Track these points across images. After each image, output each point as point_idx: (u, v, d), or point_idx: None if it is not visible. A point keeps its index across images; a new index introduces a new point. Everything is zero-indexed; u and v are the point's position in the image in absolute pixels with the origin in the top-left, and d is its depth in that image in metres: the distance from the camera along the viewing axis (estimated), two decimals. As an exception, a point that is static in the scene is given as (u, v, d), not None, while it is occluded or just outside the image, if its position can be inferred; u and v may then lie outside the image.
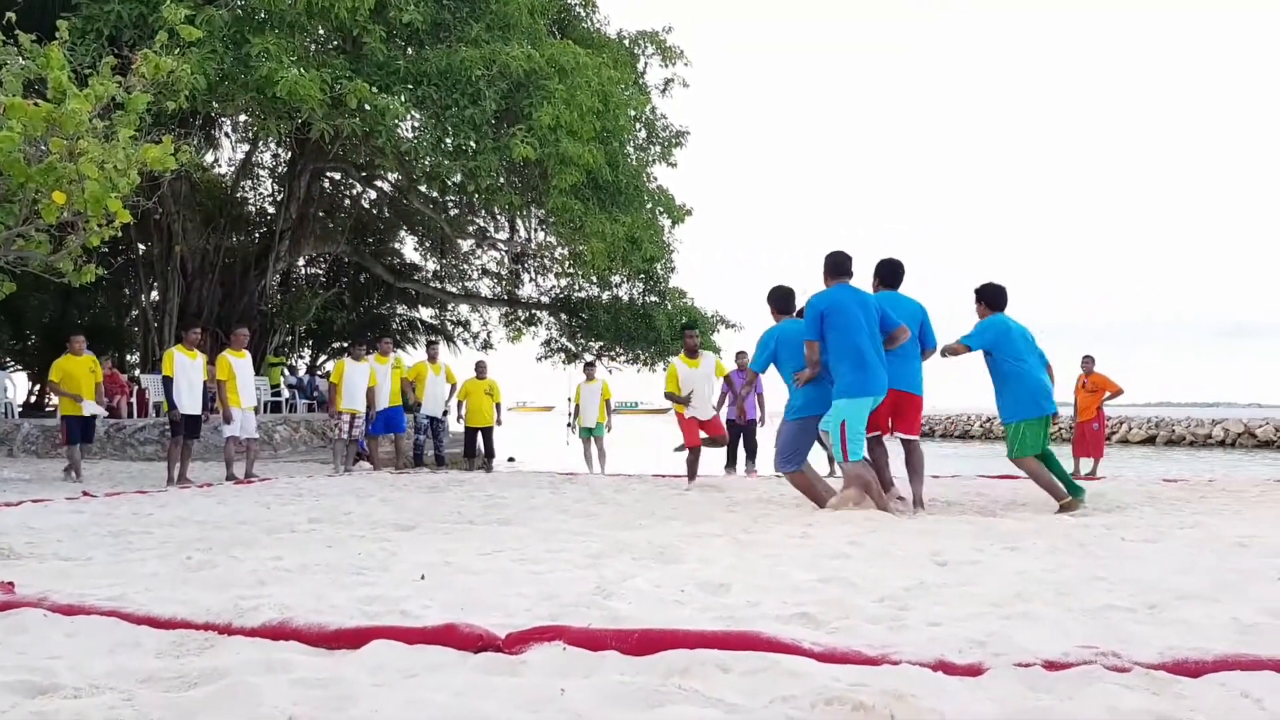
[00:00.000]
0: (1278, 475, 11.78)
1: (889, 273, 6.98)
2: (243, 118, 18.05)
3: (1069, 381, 12.39)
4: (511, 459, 18.22)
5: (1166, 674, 2.19)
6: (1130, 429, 38.26)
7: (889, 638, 2.61)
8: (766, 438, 9.79)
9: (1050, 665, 2.24)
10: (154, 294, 20.42)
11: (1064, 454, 8.84)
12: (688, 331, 10.46)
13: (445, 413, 13.40)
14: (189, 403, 10.13)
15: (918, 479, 6.58)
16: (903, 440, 6.74)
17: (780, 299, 7.17)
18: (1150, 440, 37.14)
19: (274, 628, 2.55)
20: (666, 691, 2.05)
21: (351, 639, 2.45)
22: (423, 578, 3.65)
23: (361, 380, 12.00)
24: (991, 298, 6.91)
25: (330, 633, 2.49)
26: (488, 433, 13.44)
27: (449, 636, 2.41)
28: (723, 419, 10.62)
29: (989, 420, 45.73)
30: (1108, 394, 12.03)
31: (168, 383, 10.02)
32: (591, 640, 2.36)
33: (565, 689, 2.05)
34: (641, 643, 2.33)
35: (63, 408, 10.95)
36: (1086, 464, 11.86)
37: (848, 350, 6.22)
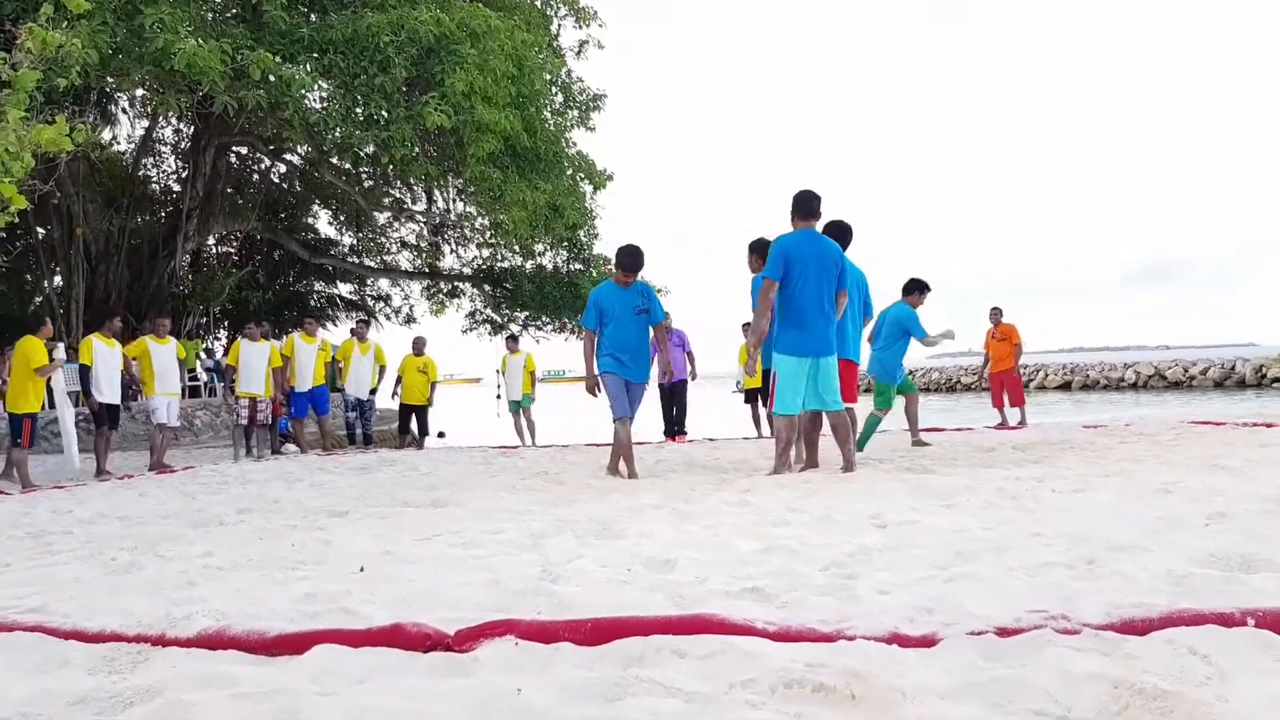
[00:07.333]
0: (1189, 416, 12.23)
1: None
2: (140, 92, 17.32)
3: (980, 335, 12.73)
4: (441, 434, 18.01)
5: (1115, 634, 2.22)
6: (1046, 375, 39.48)
7: (840, 609, 2.61)
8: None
9: (1002, 631, 2.25)
10: (57, 279, 19.61)
11: (983, 404, 9.11)
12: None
13: (373, 391, 13.14)
14: (108, 392, 9.80)
15: (844, 445, 6.58)
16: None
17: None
18: (1066, 386, 38.40)
19: (210, 636, 2.44)
20: (625, 683, 2.01)
21: (293, 644, 2.36)
22: (361, 569, 3.56)
23: (259, 362, 11.24)
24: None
25: (271, 639, 2.39)
26: (421, 411, 13.23)
27: (396, 637, 2.33)
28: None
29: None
30: (1017, 343, 12.38)
31: (85, 371, 9.66)
32: (544, 633, 2.31)
33: (521, 688, 2.00)
34: (595, 632, 2.29)
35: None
36: (1013, 413, 12.15)
37: (794, 305, 6.23)
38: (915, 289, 8.98)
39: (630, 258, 6.95)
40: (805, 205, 6.38)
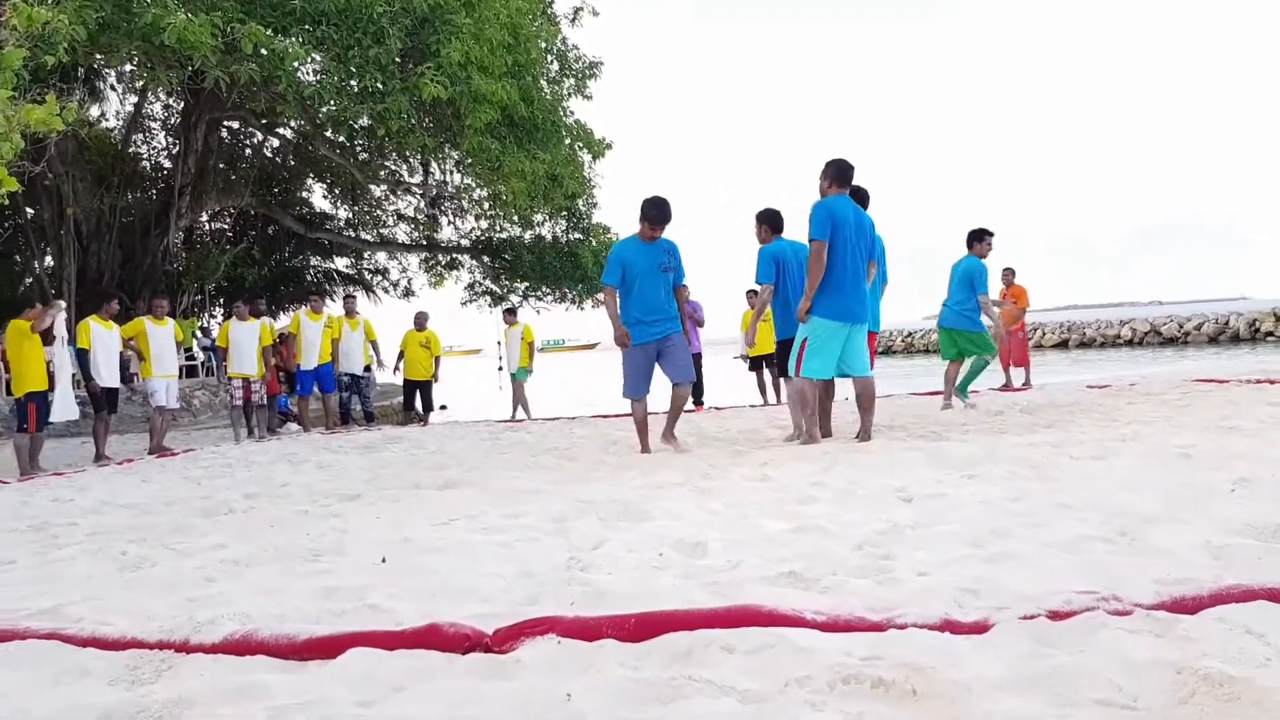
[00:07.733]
0: (1191, 374, 12.20)
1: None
2: (129, 68, 17.06)
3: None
4: (443, 407, 17.95)
5: (1167, 614, 2.17)
6: (1044, 334, 39.44)
7: (883, 594, 2.55)
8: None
9: (1054, 615, 2.20)
10: (48, 260, 19.43)
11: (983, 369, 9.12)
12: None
13: (368, 368, 13.03)
14: (107, 375, 9.72)
15: (866, 414, 6.51)
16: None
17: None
18: (1063, 344, 38.39)
19: (237, 642, 2.36)
20: (676, 684, 1.95)
21: (325, 648, 2.28)
22: (384, 560, 3.49)
23: (250, 342, 11.03)
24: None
25: (301, 643, 2.31)
26: (424, 387, 13.15)
27: (432, 638, 2.25)
28: None
29: (909, 335, 46.62)
30: (1025, 306, 12.36)
31: (83, 355, 9.56)
32: (586, 630, 2.24)
33: (570, 692, 1.94)
34: (639, 628, 2.22)
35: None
36: (1017, 374, 12.13)
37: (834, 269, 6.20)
38: (976, 239, 8.94)
39: (658, 209, 6.61)
40: (844, 173, 6.40)
